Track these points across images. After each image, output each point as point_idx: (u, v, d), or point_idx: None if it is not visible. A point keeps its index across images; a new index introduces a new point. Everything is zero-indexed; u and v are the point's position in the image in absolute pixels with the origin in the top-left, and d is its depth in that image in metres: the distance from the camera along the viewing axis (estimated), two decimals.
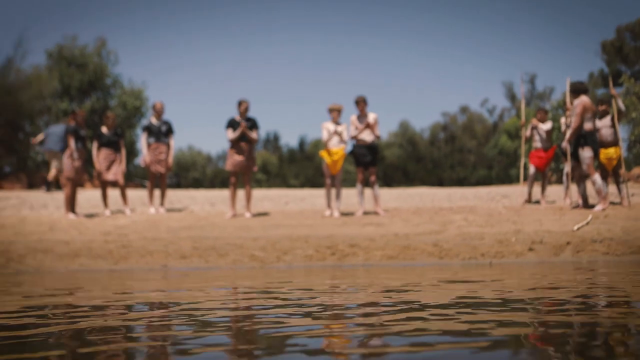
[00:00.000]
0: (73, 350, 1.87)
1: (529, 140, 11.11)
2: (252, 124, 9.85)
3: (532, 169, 10.66)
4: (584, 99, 8.95)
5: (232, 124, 9.81)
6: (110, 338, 2.06)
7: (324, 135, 9.66)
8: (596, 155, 9.11)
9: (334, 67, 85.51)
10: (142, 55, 79.12)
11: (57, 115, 26.39)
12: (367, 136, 9.62)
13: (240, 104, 9.84)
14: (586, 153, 8.96)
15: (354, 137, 9.63)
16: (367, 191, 10.77)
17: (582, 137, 8.97)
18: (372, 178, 9.66)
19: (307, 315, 2.49)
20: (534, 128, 10.63)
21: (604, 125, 9.64)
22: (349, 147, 9.81)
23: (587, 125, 8.96)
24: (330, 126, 9.63)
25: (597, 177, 8.87)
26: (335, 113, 9.61)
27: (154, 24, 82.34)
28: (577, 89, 9.19)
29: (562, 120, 10.71)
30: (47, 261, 6.55)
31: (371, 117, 9.60)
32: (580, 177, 9.28)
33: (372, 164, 9.67)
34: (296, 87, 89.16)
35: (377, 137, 9.70)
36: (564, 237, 6.89)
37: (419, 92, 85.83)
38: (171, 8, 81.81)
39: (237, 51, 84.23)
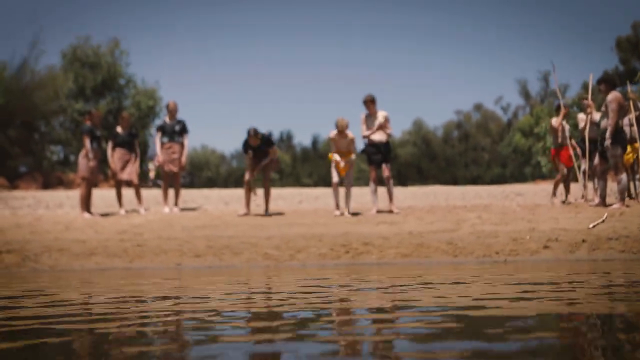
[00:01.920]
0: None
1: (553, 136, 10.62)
2: (268, 144, 9.72)
3: (565, 169, 10.34)
4: (618, 95, 8.68)
5: (247, 149, 9.70)
6: None
7: (332, 148, 9.54)
8: (624, 152, 8.90)
9: (346, 66, 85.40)
10: (156, 55, 79.57)
11: (72, 115, 26.62)
12: (378, 136, 9.49)
13: (248, 134, 9.52)
14: (616, 151, 8.73)
15: (365, 137, 9.53)
16: (382, 190, 10.65)
17: (612, 134, 8.72)
18: (387, 174, 9.52)
19: None
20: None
21: (624, 124, 9.48)
22: (360, 146, 9.73)
23: (619, 122, 8.74)
24: (338, 139, 9.47)
25: (624, 176, 8.73)
26: (344, 132, 9.38)
27: (167, 24, 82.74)
28: (612, 81, 8.82)
29: (580, 116, 10.57)
30: (63, 260, 6.61)
31: (381, 115, 9.44)
32: (601, 174, 9.10)
33: (385, 161, 9.57)
34: (309, 85, 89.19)
35: (389, 136, 9.59)
36: (579, 235, 6.83)
37: (433, 90, 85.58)
38: (184, 7, 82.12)
39: (250, 50, 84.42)
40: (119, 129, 10.49)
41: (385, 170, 9.52)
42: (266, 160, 9.75)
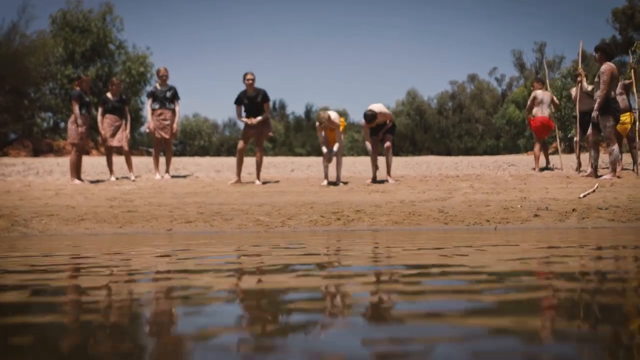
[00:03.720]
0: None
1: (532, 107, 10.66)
2: (263, 98, 9.71)
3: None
4: (611, 66, 8.62)
5: (241, 101, 9.66)
6: None
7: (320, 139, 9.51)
8: (617, 123, 8.89)
9: (341, 35, 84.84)
10: (147, 22, 78.59)
11: (62, 82, 26.29)
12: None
13: (245, 77, 9.63)
14: (607, 121, 8.69)
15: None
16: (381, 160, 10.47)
17: (604, 105, 8.70)
18: (387, 144, 9.56)
19: None
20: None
21: (616, 93, 9.44)
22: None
23: (610, 93, 8.70)
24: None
25: (616, 147, 8.71)
26: (322, 128, 9.30)
27: None
28: (608, 52, 8.78)
29: (573, 89, 10.54)
30: (52, 225, 6.57)
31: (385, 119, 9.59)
32: (594, 145, 9.08)
33: (388, 131, 9.62)
34: (303, 54, 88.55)
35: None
36: (569, 205, 6.85)
37: (427, 60, 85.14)
38: None
39: (243, 18, 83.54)
40: (109, 95, 10.37)
41: (386, 140, 9.54)
42: (261, 117, 9.65)
